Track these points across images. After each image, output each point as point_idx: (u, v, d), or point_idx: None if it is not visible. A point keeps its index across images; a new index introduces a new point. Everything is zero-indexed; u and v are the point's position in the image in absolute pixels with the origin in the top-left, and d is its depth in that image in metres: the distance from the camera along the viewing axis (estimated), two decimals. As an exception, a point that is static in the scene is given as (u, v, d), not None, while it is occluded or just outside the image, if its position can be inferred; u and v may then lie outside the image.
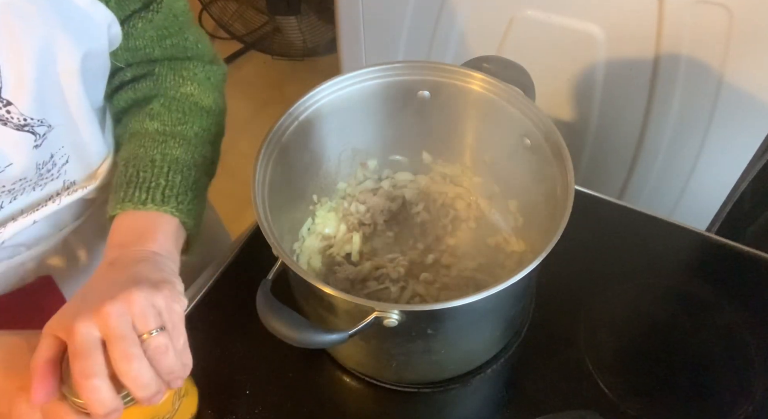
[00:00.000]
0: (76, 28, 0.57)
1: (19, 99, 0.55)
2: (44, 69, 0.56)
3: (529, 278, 0.61)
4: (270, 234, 0.60)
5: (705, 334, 0.76)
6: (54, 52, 0.56)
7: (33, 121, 0.57)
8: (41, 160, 0.61)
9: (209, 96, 0.73)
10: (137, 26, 0.66)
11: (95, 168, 0.69)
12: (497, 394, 0.73)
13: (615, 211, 0.89)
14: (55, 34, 0.55)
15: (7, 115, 0.55)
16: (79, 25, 0.57)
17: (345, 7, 1.29)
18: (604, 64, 1.11)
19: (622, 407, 0.70)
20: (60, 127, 0.61)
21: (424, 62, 0.75)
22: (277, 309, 0.56)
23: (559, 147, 0.66)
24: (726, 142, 1.11)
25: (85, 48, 0.58)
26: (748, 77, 1.01)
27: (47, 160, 0.62)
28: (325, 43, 2.28)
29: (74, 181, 0.68)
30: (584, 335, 0.76)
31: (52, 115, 0.59)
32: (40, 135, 0.59)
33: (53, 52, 0.56)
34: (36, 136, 0.58)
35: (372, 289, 0.77)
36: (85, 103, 0.62)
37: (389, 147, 0.83)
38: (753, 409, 0.69)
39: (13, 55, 0.53)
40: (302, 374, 0.73)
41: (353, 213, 0.84)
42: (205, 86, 0.73)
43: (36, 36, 0.54)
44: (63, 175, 0.66)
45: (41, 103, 0.57)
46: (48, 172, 0.63)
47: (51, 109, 0.59)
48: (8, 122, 0.55)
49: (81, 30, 0.57)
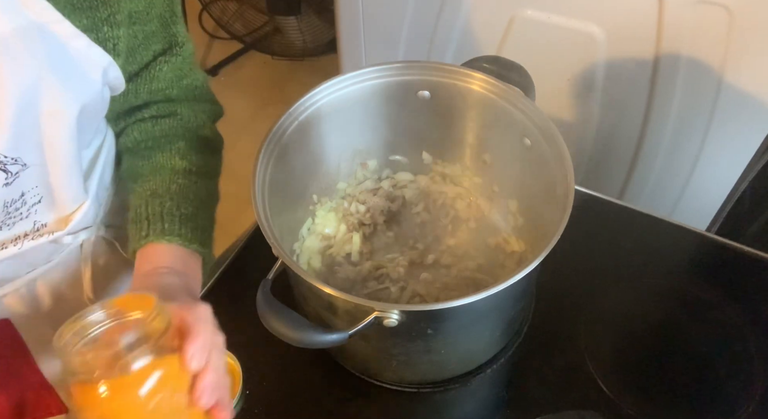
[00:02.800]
0: (67, 70, 0.56)
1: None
2: (25, 108, 0.54)
3: (529, 278, 0.61)
4: (270, 234, 0.60)
5: (705, 334, 0.76)
6: (39, 93, 0.55)
7: (6, 159, 0.56)
8: (10, 198, 0.60)
9: (218, 137, 0.76)
10: (162, 69, 0.67)
11: (68, 213, 0.68)
12: (497, 394, 0.73)
13: (615, 211, 0.89)
14: (43, 74, 0.54)
15: None
16: (70, 67, 0.56)
17: (345, 7, 1.29)
18: (604, 64, 1.11)
19: (622, 407, 0.70)
20: (35, 167, 0.59)
21: (424, 62, 0.75)
22: (277, 309, 0.56)
23: (559, 147, 0.66)
24: (726, 142, 1.11)
25: (75, 91, 0.57)
26: (748, 77, 1.01)
27: (17, 198, 0.61)
28: (325, 43, 2.28)
29: (45, 224, 0.66)
30: (584, 335, 0.76)
31: (27, 154, 0.58)
32: (12, 173, 0.57)
33: (38, 93, 0.54)
34: (7, 174, 0.57)
35: (372, 289, 0.77)
36: (65, 147, 0.60)
37: (389, 147, 0.83)
38: (753, 409, 0.69)
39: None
40: (302, 374, 0.73)
41: (353, 213, 0.84)
42: (215, 129, 0.76)
43: (21, 74, 0.53)
44: (33, 215, 0.64)
45: (17, 141, 0.55)
46: (17, 210, 0.62)
47: (27, 148, 0.57)
48: None
49: (71, 72, 0.56)
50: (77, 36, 0.55)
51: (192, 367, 0.48)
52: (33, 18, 0.52)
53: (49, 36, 0.53)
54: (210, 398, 0.49)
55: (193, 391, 0.49)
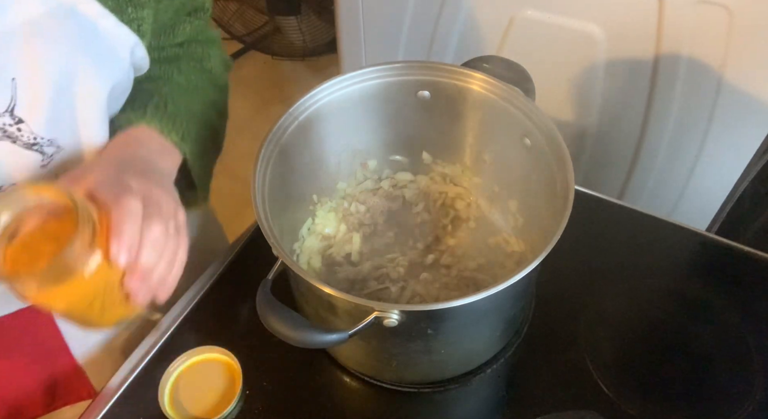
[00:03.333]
0: (98, 50, 0.57)
1: (31, 117, 0.54)
2: (62, 90, 0.55)
3: (529, 278, 0.61)
4: (270, 234, 0.60)
5: (705, 334, 0.76)
6: (74, 73, 0.55)
7: (43, 141, 0.57)
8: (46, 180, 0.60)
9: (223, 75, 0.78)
10: (185, 29, 0.70)
11: None
12: (497, 394, 0.73)
13: (615, 211, 0.89)
14: (77, 55, 0.55)
15: (18, 132, 0.54)
16: (101, 47, 0.57)
17: (345, 7, 1.29)
18: (604, 64, 1.11)
19: (622, 407, 0.70)
20: (68, 149, 0.60)
21: (424, 62, 0.75)
22: (277, 309, 0.56)
23: (559, 147, 0.66)
24: (726, 142, 1.11)
25: (107, 71, 0.58)
26: (748, 77, 1.01)
27: (53, 180, 0.61)
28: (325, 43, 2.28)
29: None
30: (584, 335, 0.76)
31: (62, 136, 0.58)
32: (47, 155, 0.58)
33: (73, 74, 0.55)
34: (44, 156, 0.58)
35: (372, 289, 0.77)
36: (98, 128, 0.61)
37: (389, 147, 0.83)
38: (753, 409, 0.69)
39: (31, 74, 0.53)
40: (302, 374, 0.73)
41: (353, 213, 0.83)
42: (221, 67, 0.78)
43: (57, 56, 0.53)
44: None
45: (54, 123, 0.56)
46: None
47: (63, 130, 0.58)
48: (17, 140, 0.55)
49: (103, 52, 0.57)
50: (105, 16, 0.56)
51: (119, 265, 0.49)
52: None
53: (79, 16, 0.54)
54: (143, 294, 0.51)
55: (123, 289, 0.50)
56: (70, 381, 0.78)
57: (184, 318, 0.77)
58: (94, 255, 0.48)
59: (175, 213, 0.57)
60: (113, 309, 0.55)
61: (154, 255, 0.52)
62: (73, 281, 0.48)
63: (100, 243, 0.49)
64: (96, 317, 0.54)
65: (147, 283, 0.53)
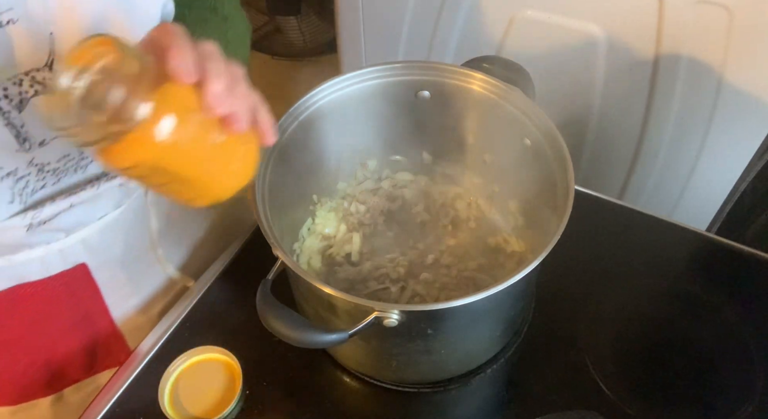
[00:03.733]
0: (131, 5, 0.58)
1: None
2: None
3: (529, 278, 0.61)
4: (270, 234, 0.60)
5: (705, 334, 0.76)
6: (108, 29, 0.56)
7: None
8: None
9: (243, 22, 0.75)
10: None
11: None
12: (497, 394, 0.73)
13: (615, 211, 0.89)
14: (111, 10, 0.56)
15: None
16: (134, 2, 0.58)
17: (345, 7, 1.29)
18: (604, 64, 1.11)
19: (622, 407, 0.70)
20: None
21: (424, 62, 0.75)
22: (277, 309, 0.56)
23: (559, 147, 0.66)
24: (726, 142, 1.11)
25: (137, 27, 0.59)
26: (748, 77, 1.01)
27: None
28: (325, 43, 2.28)
29: None
30: (584, 335, 0.76)
31: None
32: None
33: (107, 29, 0.56)
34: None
35: (372, 289, 0.77)
36: None
37: (389, 147, 0.83)
38: (753, 409, 0.69)
39: (67, 28, 0.54)
40: (302, 374, 0.73)
41: (353, 213, 0.84)
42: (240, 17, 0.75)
43: (92, 11, 0.54)
44: None
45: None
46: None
47: None
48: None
49: (136, 8, 0.58)
50: None
51: (187, 82, 0.43)
52: None
53: None
54: (223, 104, 0.45)
55: (203, 107, 0.44)
56: (109, 345, 0.79)
57: (184, 318, 0.77)
58: (159, 88, 0.43)
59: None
60: (216, 152, 0.48)
61: (220, 65, 0.45)
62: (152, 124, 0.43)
63: (160, 73, 0.43)
64: (205, 164, 0.48)
65: (231, 95, 0.46)
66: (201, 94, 0.44)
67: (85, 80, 0.42)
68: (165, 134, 0.43)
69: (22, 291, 0.69)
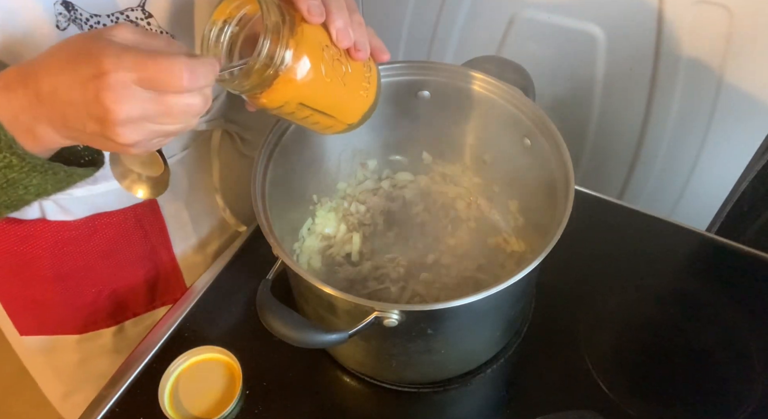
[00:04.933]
0: None
1: (159, 12, 0.61)
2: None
3: (529, 278, 0.61)
4: (270, 234, 0.60)
5: (705, 334, 0.76)
6: None
7: (167, 35, 0.62)
8: None
9: None
10: None
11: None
12: (497, 394, 0.73)
13: (615, 211, 0.89)
14: None
15: (148, 26, 0.61)
16: None
17: (345, 7, 1.29)
18: (604, 64, 1.11)
19: (622, 407, 0.70)
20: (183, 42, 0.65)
21: (424, 62, 0.75)
22: (277, 309, 0.56)
23: (559, 147, 0.66)
24: (726, 142, 1.11)
25: None
26: (748, 77, 1.01)
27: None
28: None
29: None
30: (584, 335, 0.76)
31: (181, 33, 0.64)
32: None
33: None
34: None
35: (372, 289, 0.77)
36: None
37: (389, 147, 0.83)
38: (753, 409, 0.69)
39: None
40: (302, 374, 0.73)
41: (353, 213, 0.84)
42: None
43: None
44: None
45: (176, 19, 0.62)
46: None
47: (182, 27, 0.64)
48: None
49: None
50: None
51: (318, 22, 0.49)
52: None
53: None
54: (348, 37, 0.51)
55: (333, 42, 0.51)
56: (168, 280, 0.85)
57: (184, 318, 0.77)
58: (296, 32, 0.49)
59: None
60: (347, 80, 0.54)
61: (339, 1, 0.51)
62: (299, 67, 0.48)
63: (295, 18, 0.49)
64: (340, 93, 0.54)
65: (352, 27, 0.52)
66: (328, 30, 0.51)
67: (230, 31, 0.49)
68: (308, 73, 0.49)
69: (99, 220, 0.74)
